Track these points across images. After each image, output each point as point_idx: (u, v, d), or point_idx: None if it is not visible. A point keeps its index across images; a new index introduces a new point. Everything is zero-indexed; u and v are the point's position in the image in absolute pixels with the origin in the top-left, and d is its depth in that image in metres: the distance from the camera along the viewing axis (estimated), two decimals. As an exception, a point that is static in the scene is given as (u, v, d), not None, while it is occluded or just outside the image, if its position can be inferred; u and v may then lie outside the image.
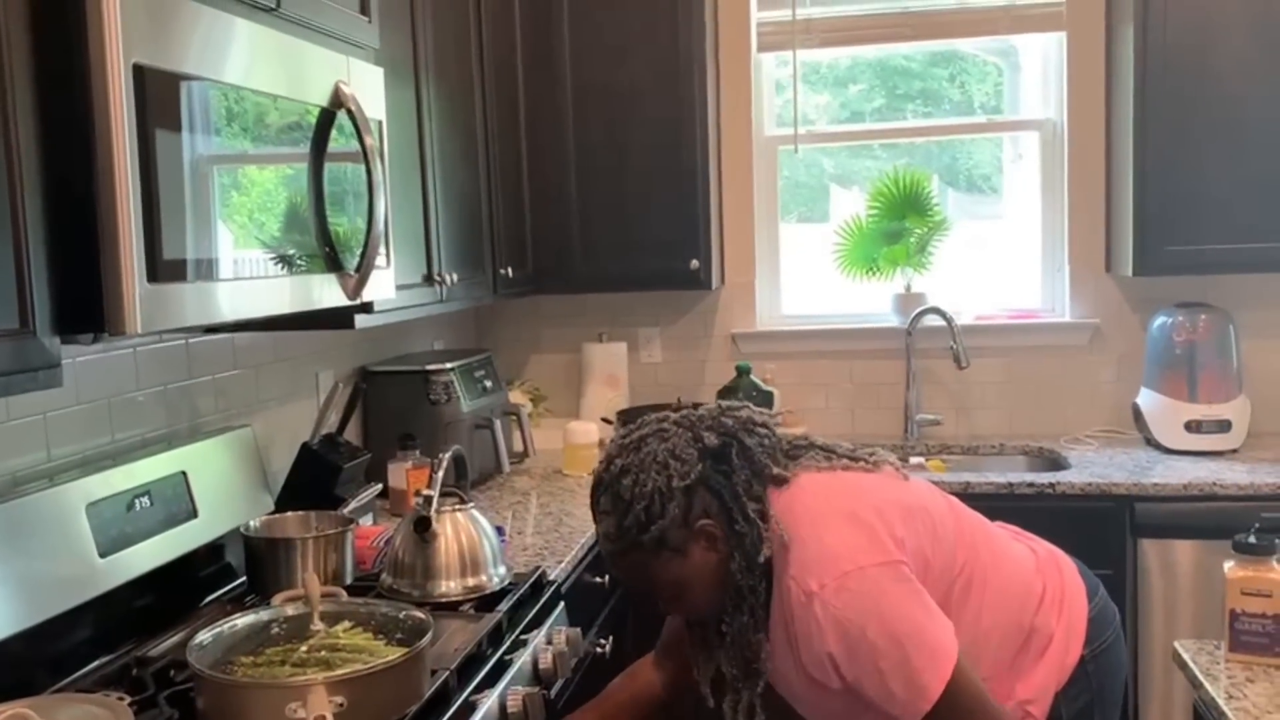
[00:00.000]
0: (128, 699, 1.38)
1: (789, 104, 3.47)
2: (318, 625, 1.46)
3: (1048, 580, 1.63)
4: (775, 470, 1.52)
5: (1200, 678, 1.58)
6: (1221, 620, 1.64)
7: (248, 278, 1.52)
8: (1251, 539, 1.62)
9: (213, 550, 2.04)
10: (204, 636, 1.46)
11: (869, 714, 1.48)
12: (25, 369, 1.25)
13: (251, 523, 2.02)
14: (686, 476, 1.46)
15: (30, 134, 1.23)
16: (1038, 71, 3.46)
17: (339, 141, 1.74)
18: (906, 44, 3.48)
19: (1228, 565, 1.65)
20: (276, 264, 1.59)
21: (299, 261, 1.64)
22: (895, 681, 1.41)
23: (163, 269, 1.33)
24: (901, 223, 3.44)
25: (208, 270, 1.43)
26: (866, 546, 1.45)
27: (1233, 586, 1.63)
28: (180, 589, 1.94)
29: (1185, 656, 1.66)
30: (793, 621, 1.45)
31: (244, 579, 2.04)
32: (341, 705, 1.30)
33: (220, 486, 2.01)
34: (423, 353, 3.17)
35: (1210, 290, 3.13)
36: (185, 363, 2.13)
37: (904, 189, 3.44)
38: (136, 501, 1.78)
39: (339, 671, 1.35)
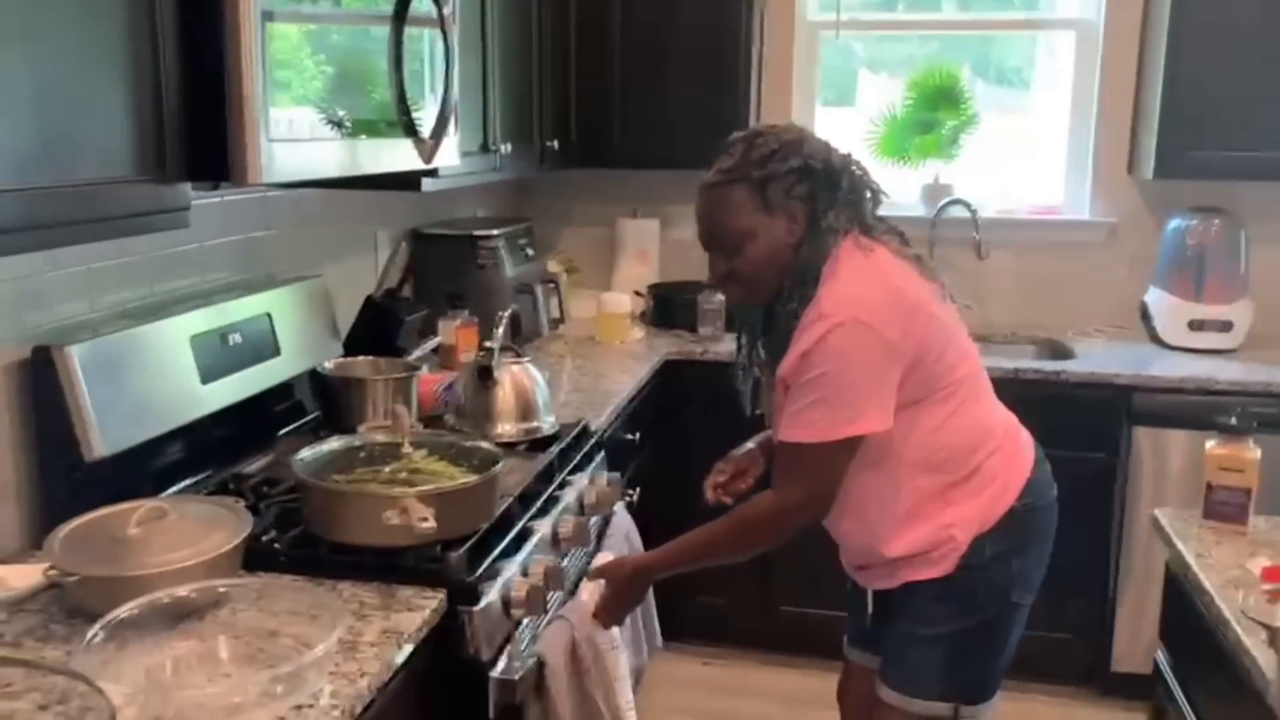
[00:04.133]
0: (241, 502, 1.59)
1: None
2: (406, 449, 1.66)
3: (1007, 438, 1.82)
4: (867, 219, 1.75)
5: (1174, 539, 1.79)
6: (1198, 494, 1.85)
7: (343, 139, 1.68)
8: (1233, 420, 1.80)
9: (286, 388, 2.24)
10: (305, 453, 1.66)
11: None
12: (163, 210, 1.42)
13: (326, 364, 2.21)
14: (812, 159, 1.70)
15: (171, 14, 1.38)
16: (1079, -30, 3.51)
17: (418, 12, 1.87)
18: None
19: (1209, 444, 1.84)
20: (366, 126, 1.74)
21: (383, 126, 1.80)
22: (802, 405, 1.64)
23: (278, 128, 1.48)
24: (934, 114, 3.54)
25: (313, 130, 1.59)
26: (879, 312, 1.64)
27: (1211, 462, 1.82)
28: (260, 421, 2.14)
29: (1163, 521, 1.87)
30: (800, 331, 1.66)
31: (316, 414, 2.25)
32: (429, 517, 1.50)
33: (298, 330, 2.20)
34: (468, 219, 3.32)
35: (1227, 197, 3.24)
36: (262, 215, 2.29)
37: (939, 81, 3.53)
38: (229, 337, 1.97)
39: (428, 487, 1.55)
